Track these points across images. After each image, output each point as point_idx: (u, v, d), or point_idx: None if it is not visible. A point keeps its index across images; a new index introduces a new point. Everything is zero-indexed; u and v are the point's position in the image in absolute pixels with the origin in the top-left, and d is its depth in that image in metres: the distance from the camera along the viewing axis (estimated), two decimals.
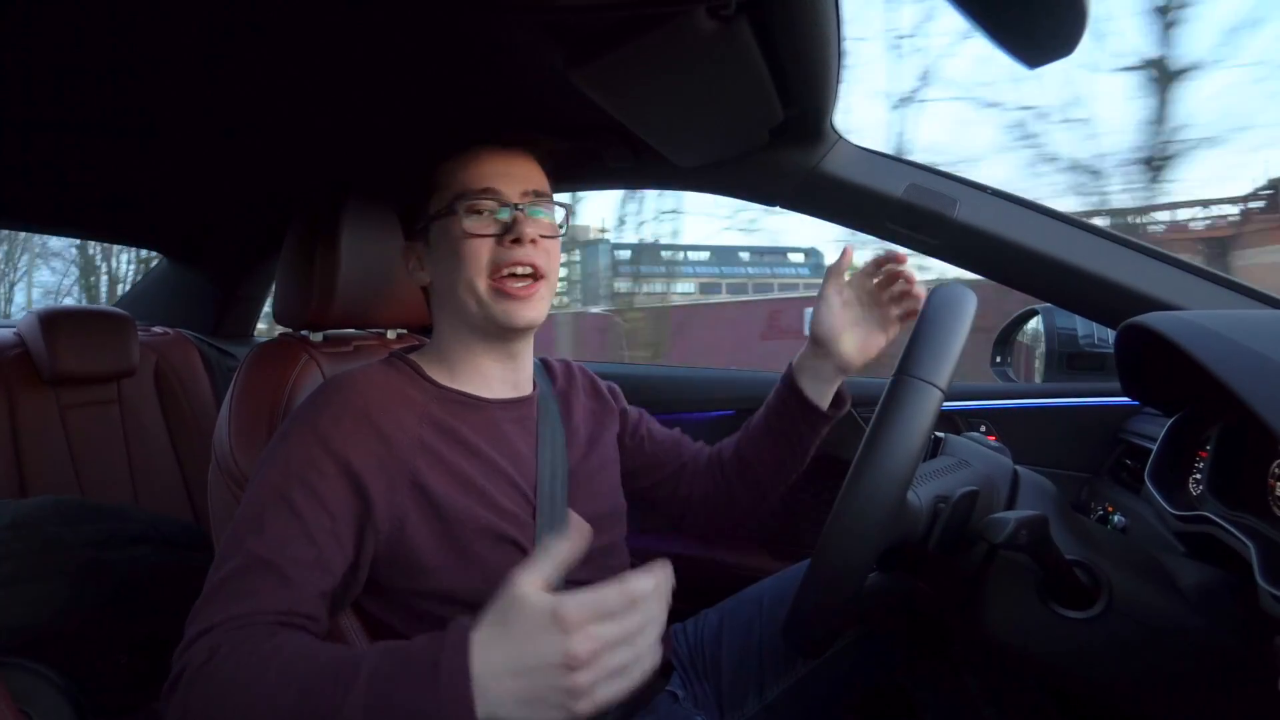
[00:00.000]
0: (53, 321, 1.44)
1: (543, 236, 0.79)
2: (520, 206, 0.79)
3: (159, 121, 0.99)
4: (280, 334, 1.03)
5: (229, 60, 0.81)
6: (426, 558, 0.73)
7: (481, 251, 0.77)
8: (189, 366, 1.67)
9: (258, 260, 1.83)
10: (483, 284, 0.77)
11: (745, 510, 0.99)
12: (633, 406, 1.02)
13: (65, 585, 1.11)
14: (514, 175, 0.80)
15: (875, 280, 0.90)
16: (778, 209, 1.14)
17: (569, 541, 0.55)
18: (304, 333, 1.01)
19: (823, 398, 0.92)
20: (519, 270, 0.78)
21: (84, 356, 1.46)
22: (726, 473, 0.98)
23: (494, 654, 0.52)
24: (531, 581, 0.53)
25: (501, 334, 0.81)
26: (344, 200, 0.94)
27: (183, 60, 0.81)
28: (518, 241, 0.77)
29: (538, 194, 0.81)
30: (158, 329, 1.74)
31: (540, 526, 0.79)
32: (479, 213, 0.78)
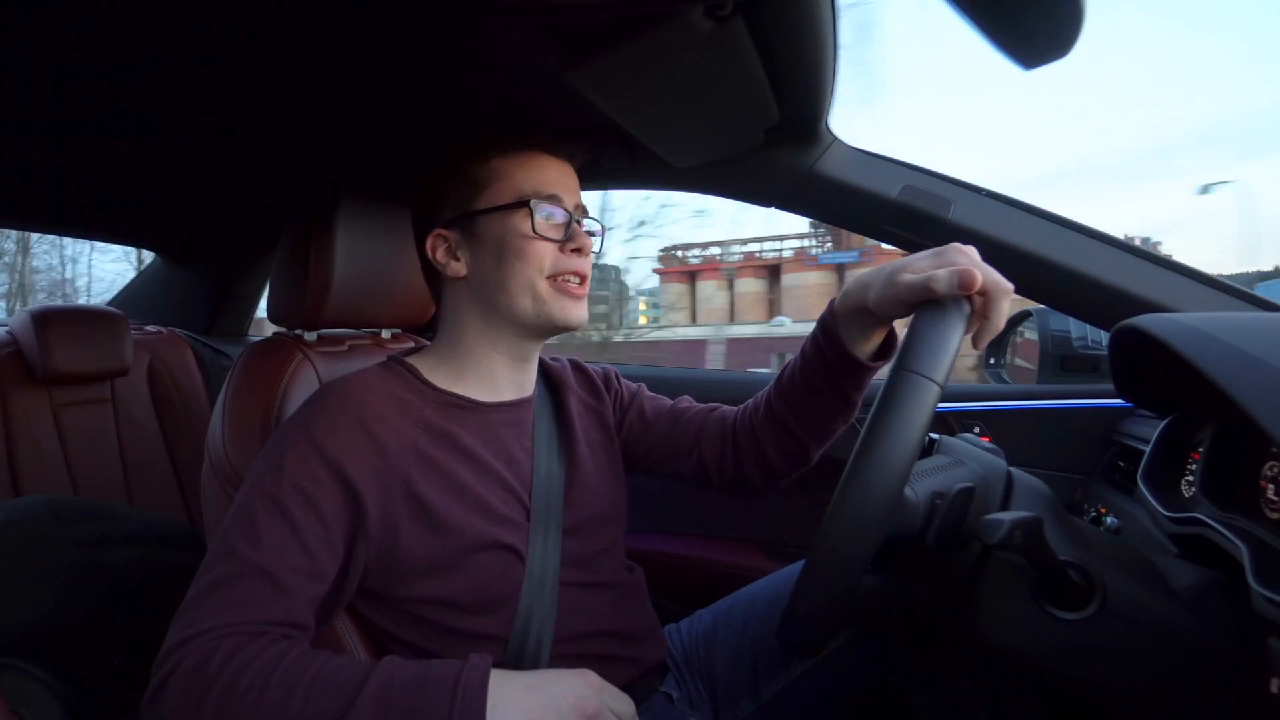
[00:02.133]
0: (46, 320, 1.44)
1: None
2: (576, 218, 0.82)
3: (154, 120, 0.99)
4: (274, 333, 1.02)
5: (224, 59, 0.81)
6: (419, 565, 0.73)
7: (545, 254, 0.79)
8: (183, 366, 1.66)
9: (252, 259, 1.83)
10: (541, 284, 0.79)
11: (781, 472, 0.90)
12: (630, 382, 1.01)
13: (57, 585, 1.10)
14: (571, 186, 0.83)
15: None
16: (774, 209, 1.14)
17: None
18: (298, 332, 1.00)
19: (863, 345, 0.78)
20: (573, 278, 0.80)
21: (77, 355, 1.46)
22: (758, 434, 0.89)
23: (510, 689, 0.60)
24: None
25: (547, 333, 0.83)
26: (339, 199, 0.94)
27: (178, 59, 0.81)
28: (578, 251, 0.80)
29: (584, 209, 0.85)
30: (151, 328, 1.74)
31: (534, 531, 0.78)
32: (549, 214, 0.80)
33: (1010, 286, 0.65)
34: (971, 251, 0.66)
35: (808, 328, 0.86)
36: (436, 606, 0.74)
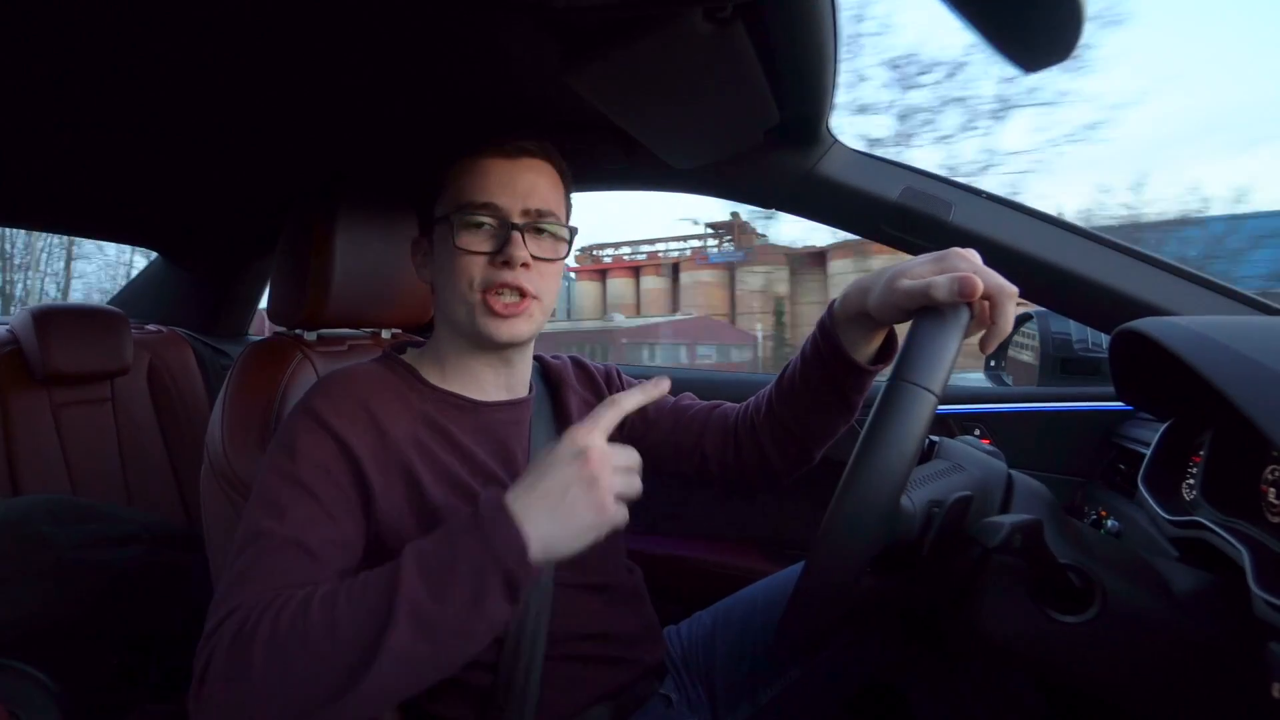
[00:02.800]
0: (46, 319, 1.44)
1: (538, 258, 0.77)
2: (519, 226, 0.76)
3: (155, 118, 0.99)
4: (274, 332, 1.02)
5: (225, 57, 0.81)
6: None
7: (473, 268, 0.76)
8: (183, 365, 1.66)
9: (253, 258, 1.83)
10: (473, 296, 0.77)
11: (783, 471, 0.90)
12: (632, 380, 0.98)
13: (56, 585, 1.10)
14: (517, 190, 0.78)
15: None
16: (774, 211, 1.14)
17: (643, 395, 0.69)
18: (298, 331, 1.00)
19: (862, 349, 0.78)
20: (505, 293, 0.76)
21: (77, 355, 1.46)
22: (759, 433, 0.89)
23: (526, 499, 0.59)
24: (584, 429, 0.63)
25: (487, 346, 0.80)
26: (339, 199, 0.94)
27: (178, 57, 0.81)
28: (507, 264, 0.75)
29: (541, 213, 0.78)
30: (151, 327, 1.74)
31: None
32: (477, 227, 0.77)
33: (1014, 290, 0.64)
34: (973, 255, 0.66)
35: (636, 323, 0.87)
36: None
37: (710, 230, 23.47)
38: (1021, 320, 1.37)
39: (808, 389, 0.83)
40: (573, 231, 0.83)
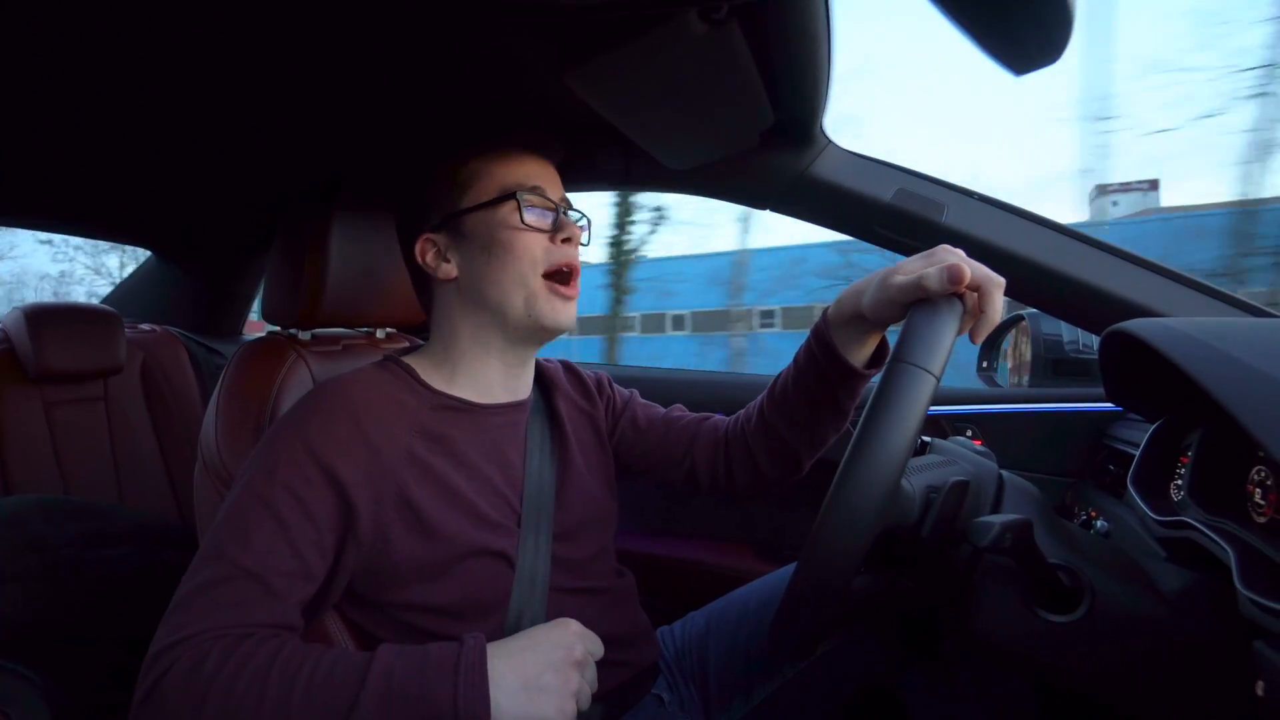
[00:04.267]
0: (38, 318, 1.43)
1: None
2: (562, 210, 0.81)
3: (151, 117, 0.99)
4: (269, 332, 1.02)
5: (220, 56, 0.81)
6: (409, 570, 0.72)
7: (536, 245, 0.79)
8: (176, 364, 1.66)
9: (247, 257, 1.82)
10: (535, 281, 0.78)
11: (772, 480, 0.91)
12: (623, 388, 1.01)
13: (48, 584, 1.10)
14: (553, 180, 0.83)
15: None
16: (768, 211, 1.15)
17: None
18: (292, 331, 1.00)
19: (857, 352, 0.79)
20: (564, 270, 0.80)
21: (70, 353, 1.45)
22: (750, 443, 0.90)
23: (503, 665, 0.61)
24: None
25: (536, 335, 0.82)
26: (335, 198, 0.94)
27: (174, 56, 0.81)
28: (569, 240, 0.80)
29: (568, 202, 0.85)
30: (145, 326, 1.73)
31: (524, 535, 0.78)
32: (534, 206, 0.80)
33: (1002, 280, 0.66)
34: (960, 252, 0.67)
35: None
36: (427, 613, 0.73)
37: None
38: (1012, 321, 1.38)
39: (801, 395, 0.83)
40: (589, 220, 0.89)
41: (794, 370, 0.84)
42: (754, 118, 0.90)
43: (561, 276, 0.80)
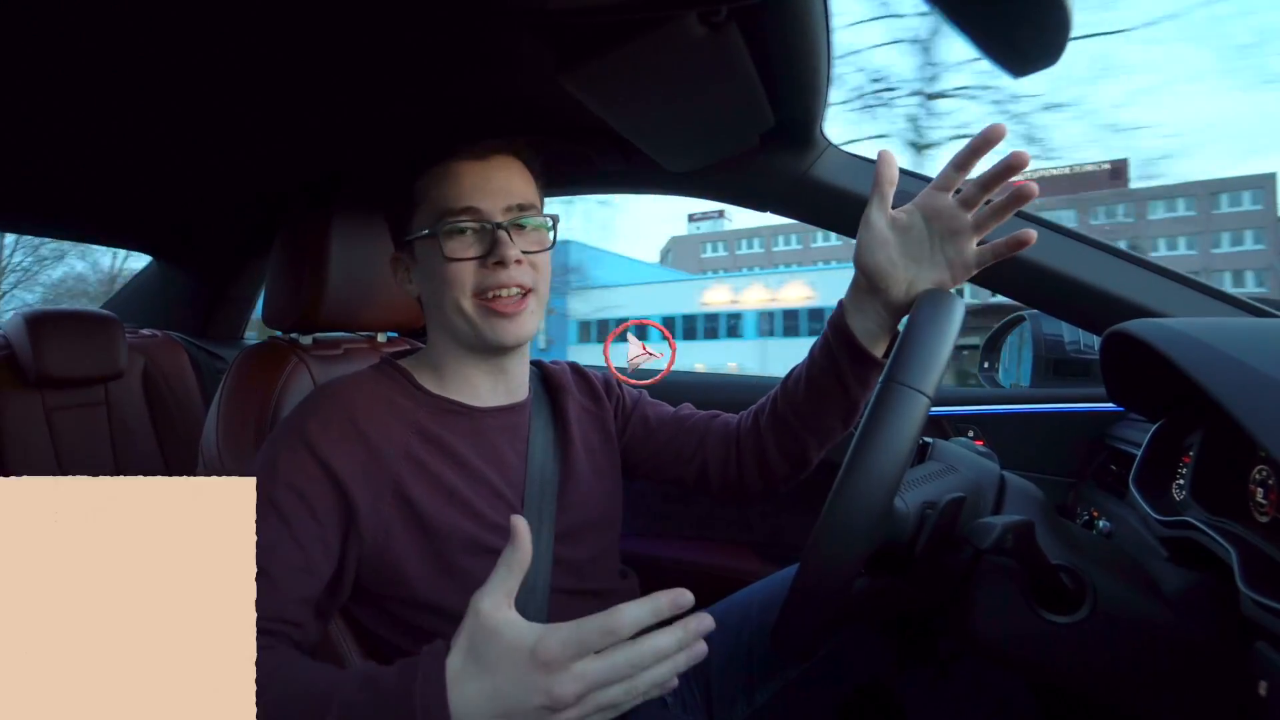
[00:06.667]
0: (39, 323, 1.43)
1: (528, 253, 0.78)
2: (503, 225, 0.76)
3: (150, 120, 0.99)
4: (269, 337, 1.02)
5: (221, 59, 0.81)
6: (410, 568, 0.73)
7: (465, 275, 0.76)
8: (177, 369, 1.66)
9: (247, 262, 1.82)
10: (469, 304, 0.76)
11: (781, 476, 0.91)
12: (632, 389, 1.00)
13: None
14: (495, 190, 0.78)
15: (955, 194, 0.72)
16: (768, 213, 1.15)
17: (521, 551, 0.54)
18: (293, 335, 1.00)
19: (873, 342, 0.78)
20: (504, 292, 0.76)
21: (70, 359, 1.45)
22: (762, 436, 0.90)
23: (471, 689, 0.51)
24: (498, 605, 0.53)
25: (492, 351, 0.80)
26: (334, 202, 0.94)
27: (173, 58, 0.81)
28: (501, 264, 0.75)
29: (522, 207, 0.79)
30: (146, 331, 1.73)
31: None
32: (460, 233, 0.76)
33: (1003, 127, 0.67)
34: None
35: None
36: (427, 611, 0.74)
37: None
38: (1013, 322, 1.38)
39: (814, 385, 0.84)
40: (554, 220, 0.83)
41: (808, 361, 0.85)
42: (754, 120, 0.90)
43: (499, 293, 0.76)
